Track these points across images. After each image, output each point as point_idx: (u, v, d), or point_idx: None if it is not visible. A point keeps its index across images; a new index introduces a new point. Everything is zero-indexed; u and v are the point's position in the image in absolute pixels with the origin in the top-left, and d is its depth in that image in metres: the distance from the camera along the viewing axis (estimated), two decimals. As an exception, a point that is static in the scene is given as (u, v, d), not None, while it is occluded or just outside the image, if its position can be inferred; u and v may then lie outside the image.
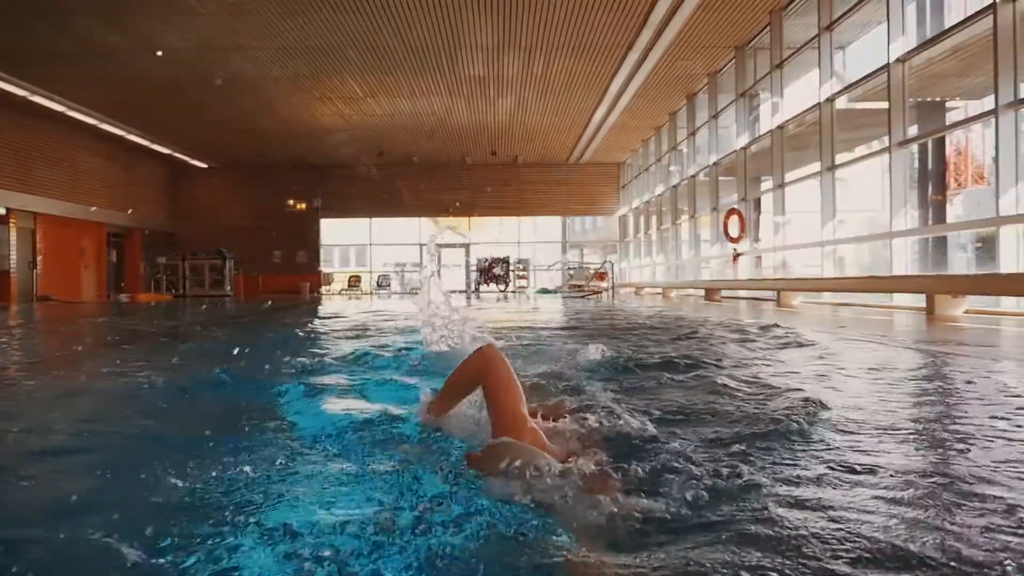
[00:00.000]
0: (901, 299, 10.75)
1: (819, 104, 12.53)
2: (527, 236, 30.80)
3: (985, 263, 11.51)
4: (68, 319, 11.97)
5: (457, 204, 28.73)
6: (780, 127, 14.24)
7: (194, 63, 16.24)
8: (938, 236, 11.78)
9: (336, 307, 15.49)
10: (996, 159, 8.20)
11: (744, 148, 16.03)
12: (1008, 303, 8.45)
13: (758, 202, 16.98)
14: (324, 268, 30.35)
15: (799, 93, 14.77)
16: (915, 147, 12.87)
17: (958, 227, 10.71)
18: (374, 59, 16.29)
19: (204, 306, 16.29)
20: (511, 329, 7.26)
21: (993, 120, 8.28)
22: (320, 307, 15.47)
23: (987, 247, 11.13)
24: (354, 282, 29.92)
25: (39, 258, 21.07)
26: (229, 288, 27.29)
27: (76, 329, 9.65)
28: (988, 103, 10.37)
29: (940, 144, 12.51)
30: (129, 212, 25.54)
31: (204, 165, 28.78)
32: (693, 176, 19.63)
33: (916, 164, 12.82)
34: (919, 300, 9.38)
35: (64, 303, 19.45)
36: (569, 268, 29.53)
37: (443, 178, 29.37)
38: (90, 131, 21.94)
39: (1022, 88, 7.97)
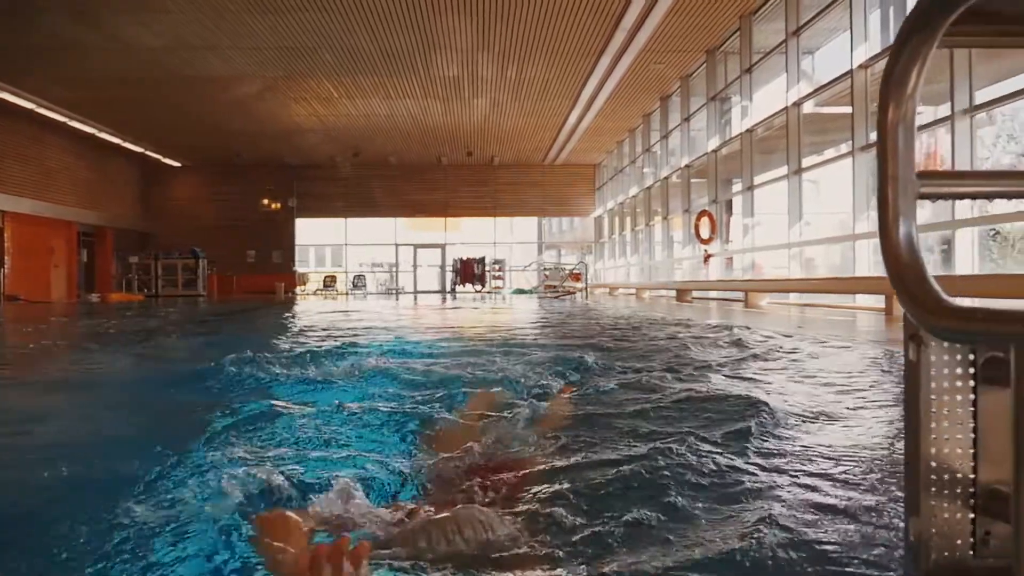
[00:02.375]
0: (864, 300, 10.98)
1: (786, 108, 12.75)
2: (503, 236, 30.88)
3: (949, 266, 11.78)
4: (20, 319, 11.87)
5: None
6: (749, 130, 14.46)
7: (167, 61, 16.12)
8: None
9: (297, 310, 15.47)
10: (952, 163, 8.43)
11: (715, 151, 16.25)
12: (964, 304, 8.66)
13: (729, 204, 17.22)
14: (299, 268, 30.22)
15: (770, 97, 15.01)
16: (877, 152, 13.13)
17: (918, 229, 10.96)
18: (349, 60, 16.29)
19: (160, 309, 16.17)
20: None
21: (950, 125, 8.53)
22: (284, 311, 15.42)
23: (950, 250, 11.40)
24: (329, 282, 29.81)
25: (7, 257, 20.78)
26: (202, 288, 27.07)
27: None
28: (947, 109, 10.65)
29: (903, 148, 12.79)
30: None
31: (178, 164, 28.53)
32: (666, 178, 19.84)
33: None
34: (881, 301, 9.59)
35: (32, 303, 19.21)
36: (544, 269, 29.67)
37: (419, 179, 29.39)
38: (60, 129, 21.67)
39: (977, 95, 8.22)
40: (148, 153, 26.34)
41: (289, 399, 2.94)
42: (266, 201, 29.13)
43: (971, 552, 0.98)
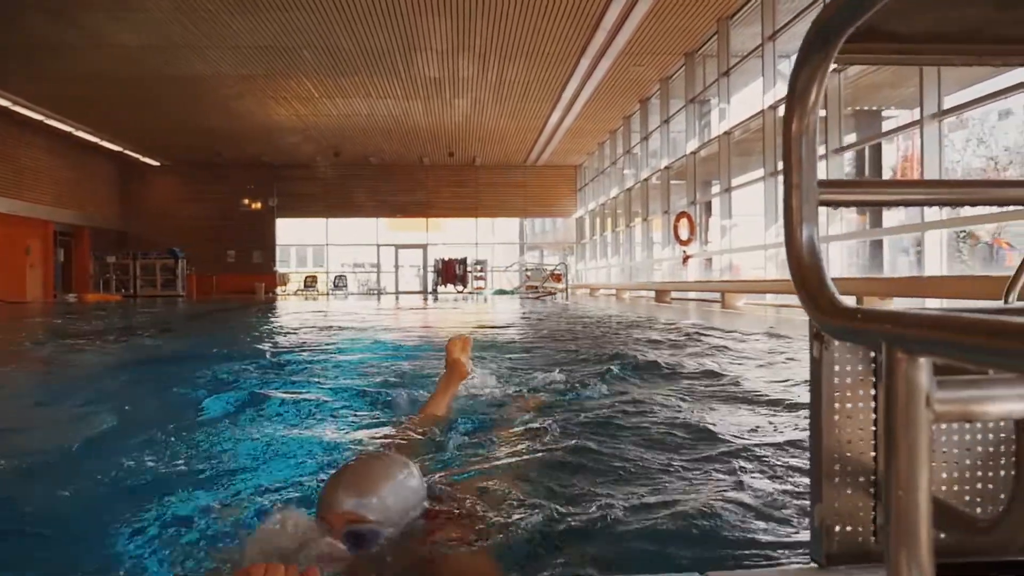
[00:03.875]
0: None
1: (763, 111, 12.89)
2: (485, 237, 30.91)
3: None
4: None
5: None
6: (727, 133, 14.60)
7: (145, 60, 16.00)
8: (874, 240, 12.22)
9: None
10: (920, 166, 8.59)
11: (694, 153, 16.39)
12: (933, 305, 8.84)
13: (708, 205, 17.36)
14: (280, 268, 30.07)
15: (747, 100, 15.15)
16: (855, 153, 13.33)
17: (884, 232, 11.15)
18: (329, 60, 16.26)
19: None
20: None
21: (922, 129, 8.68)
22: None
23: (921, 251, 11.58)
24: (310, 282, 29.71)
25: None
26: (182, 289, 26.87)
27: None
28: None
29: (876, 151, 12.98)
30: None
31: (156, 163, 28.29)
32: (646, 179, 19.97)
33: (853, 170, 13.27)
34: (851, 302, 9.72)
35: (6, 303, 19.00)
36: (526, 269, 29.74)
37: (401, 179, 29.34)
38: (37, 127, 21.44)
39: (945, 100, 8.38)
40: (126, 152, 26.10)
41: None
42: (246, 201, 28.97)
43: (872, 537, 1.04)
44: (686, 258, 16.38)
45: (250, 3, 13.05)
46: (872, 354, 1.04)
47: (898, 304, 8.74)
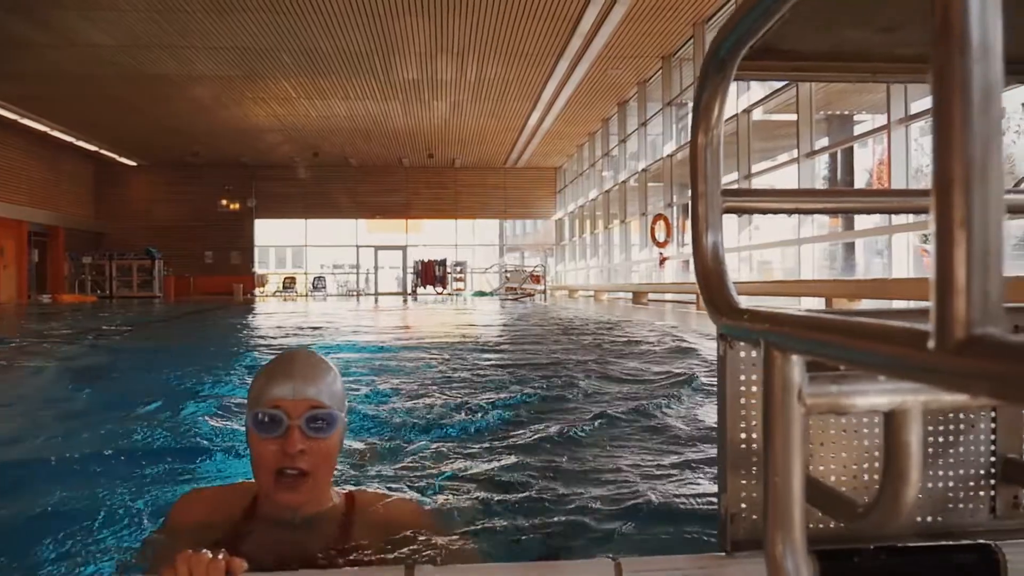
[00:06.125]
0: (809, 302, 11.28)
1: (736, 115, 13.04)
2: (465, 239, 30.93)
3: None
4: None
5: None
6: (703, 136, 14.72)
7: (120, 60, 15.88)
8: (847, 242, 12.40)
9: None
10: (888, 169, 8.76)
11: (671, 155, 16.53)
12: (900, 306, 8.98)
13: (685, 208, 17.50)
14: (259, 269, 29.89)
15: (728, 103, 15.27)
16: (829, 156, 13.54)
17: (855, 235, 11.31)
18: (307, 61, 16.22)
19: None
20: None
21: (889, 134, 8.84)
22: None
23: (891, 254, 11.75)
24: (288, 284, 29.57)
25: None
26: (158, 289, 26.64)
27: None
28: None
29: (848, 154, 13.19)
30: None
31: (133, 163, 28.01)
32: (624, 182, 20.10)
33: (827, 173, 13.47)
34: (822, 303, 9.88)
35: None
36: (506, 271, 29.80)
37: (380, 180, 29.28)
38: (10, 126, 21.15)
39: (912, 106, 8.55)
40: (102, 152, 25.83)
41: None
42: (224, 201, 28.77)
43: (775, 525, 1.10)
44: (663, 260, 16.52)
45: (227, 4, 13.00)
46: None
47: (865, 306, 8.89)
